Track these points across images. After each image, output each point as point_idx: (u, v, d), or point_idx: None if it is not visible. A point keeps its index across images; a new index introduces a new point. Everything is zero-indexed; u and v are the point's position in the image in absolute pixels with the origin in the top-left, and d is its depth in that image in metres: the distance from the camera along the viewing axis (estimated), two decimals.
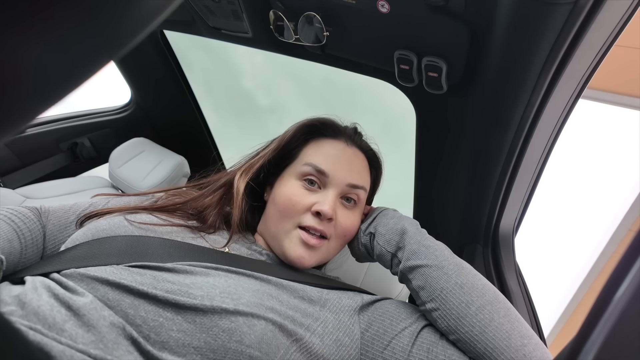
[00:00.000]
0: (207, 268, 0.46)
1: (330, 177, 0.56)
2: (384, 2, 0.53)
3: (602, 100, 1.72)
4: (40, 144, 1.16)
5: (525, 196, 0.75)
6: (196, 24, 0.85)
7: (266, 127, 1.50)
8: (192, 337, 0.38)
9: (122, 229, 0.49)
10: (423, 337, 0.48)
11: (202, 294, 0.41)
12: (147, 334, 0.37)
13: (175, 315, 0.39)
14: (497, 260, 0.73)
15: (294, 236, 0.54)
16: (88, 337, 0.34)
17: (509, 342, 0.43)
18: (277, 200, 0.56)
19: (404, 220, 0.57)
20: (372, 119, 1.15)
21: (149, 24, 0.14)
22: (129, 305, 0.38)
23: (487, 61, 0.52)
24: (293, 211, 0.54)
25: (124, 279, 0.40)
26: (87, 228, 0.49)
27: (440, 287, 0.48)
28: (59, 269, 0.42)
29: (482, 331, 0.44)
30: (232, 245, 0.55)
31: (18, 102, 0.12)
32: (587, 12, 0.41)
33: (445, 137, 0.68)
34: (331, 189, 0.56)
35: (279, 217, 0.55)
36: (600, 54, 0.52)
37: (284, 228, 0.55)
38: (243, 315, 0.41)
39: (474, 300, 0.46)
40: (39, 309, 0.35)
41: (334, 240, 0.56)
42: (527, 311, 0.66)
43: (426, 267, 0.50)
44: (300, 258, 0.53)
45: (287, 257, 0.54)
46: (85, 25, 0.12)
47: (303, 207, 0.54)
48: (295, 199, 0.54)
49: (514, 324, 0.44)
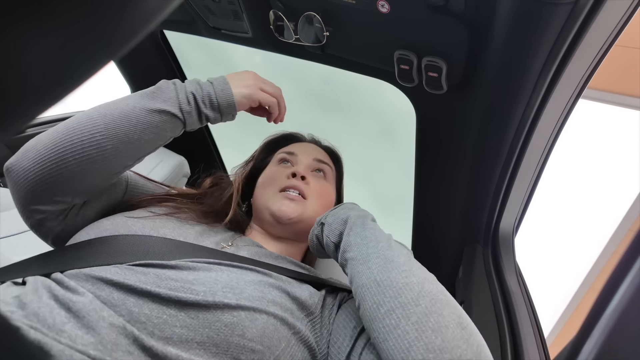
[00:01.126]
0: (210, 264, 0.47)
1: (298, 155, 0.71)
2: (384, 2, 0.53)
3: (602, 100, 1.72)
4: None
5: (525, 196, 0.75)
6: (196, 24, 0.85)
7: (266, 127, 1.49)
8: (195, 332, 0.39)
9: (125, 229, 0.50)
10: (361, 338, 0.45)
11: (205, 290, 0.41)
12: (151, 331, 0.38)
13: (179, 312, 0.39)
14: (497, 260, 0.73)
15: (278, 196, 0.63)
16: (87, 338, 0.34)
17: (407, 355, 0.35)
18: (261, 182, 0.68)
19: (353, 210, 0.55)
20: (370, 119, 1.15)
21: (149, 24, 0.14)
22: (134, 304, 0.39)
23: (487, 61, 0.52)
24: (274, 180, 0.65)
25: (128, 279, 0.41)
26: (91, 228, 0.51)
27: (361, 282, 0.43)
28: (62, 269, 0.42)
29: (384, 338, 0.38)
30: (232, 241, 0.58)
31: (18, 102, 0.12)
32: (587, 12, 0.41)
33: (445, 137, 0.68)
34: (302, 161, 0.70)
35: (264, 189, 0.65)
36: (600, 54, 0.52)
37: (269, 194, 0.64)
38: (245, 310, 0.41)
39: (386, 300, 0.40)
40: (39, 310, 0.35)
41: (311, 199, 0.64)
42: (527, 311, 0.66)
43: (354, 260, 0.46)
44: (283, 208, 0.61)
45: (273, 214, 0.61)
46: (85, 25, 0.12)
47: (282, 175, 0.66)
48: (275, 173, 0.67)
49: (425, 333, 0.36)
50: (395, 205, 0.63)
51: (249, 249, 0.57)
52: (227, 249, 0.55)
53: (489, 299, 0.64)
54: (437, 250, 0.88)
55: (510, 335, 0.56)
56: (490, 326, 0.58)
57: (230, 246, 0.56)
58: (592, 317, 0.16)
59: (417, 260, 0.47)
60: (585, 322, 0.16)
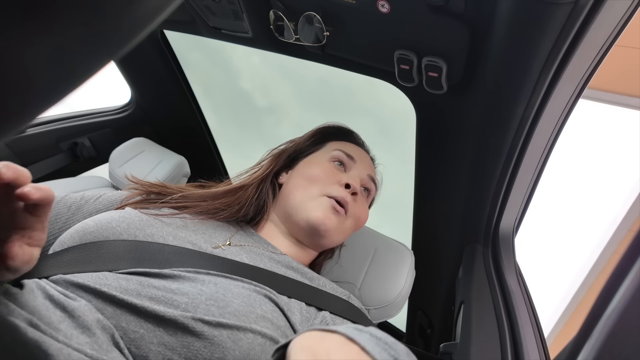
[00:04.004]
0: (198, 273, 0.43)
1: (357, 162, 0.65)
2: (384, 2, 0.53)
3: (602, 100, 1.72)
4: (40, 144, 1.16)
5: (525, 196, 0.75)
6: (196, 24, 0.85)
7: (265, 128, 1.50)
8: (172, 351, 0.36)
9: (110, 231, 0.47)
10: None
11: (187, 301, 0.38)
12: (128, 347, 0.36)
13: (156, 327, 0.37)
14: (497, 260, 0.73)
15: (323, 201, 0.57)
16: (83, 338, 0.34)
17: None
18: (307, 172, 0.61)
19: None
20: (369, 120, 1.15)
21: (149, 24, 0.14)
22: (111, 315, 0.37)
23: (487, 61, 0.52)
24: (325, 180, 0.59)
25: (107, 285, 0.39)
26: (75, 230, 0.47)
27: None
28: (45, 275, 0.41)
29: None
30: (235, 237, 0.55)
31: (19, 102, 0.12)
32: (587, 12, 0.41)
33: (445, 137, 0.68)
34: (357, 172, 0.64)
35: (307, 185, 0.59)
36: (600, 54, 0.52)
37: (311, 194, 0.58)
38: (227, 329, 0.37)
39: None
40: (35, 309, 0.35)
41: (349, 220, 0.60)
42: (527, 311, 0.66)
43: None
44: (324, 220, 0.55)
45: (310, 219, 0.56)
46: (85, 25, 0.12)
47: (334, 179, 0.60)
48: (327, 171, 0.60)
49: None
50: (394, 206, 0.64)
51: (251, 250, 0.53)
52: (224, 250, 0.51)
53: (489, 299, 0.63)
54: (437, 250, 0.88)
55: (510, 335, 0.56)
56: (490, 326, 0.58)
57: (228, 245, 0.53)
58: (592, 317, 0.16)
59: (417, 260, 0.45)
60: (585, 322, 0.16)
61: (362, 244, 0.77)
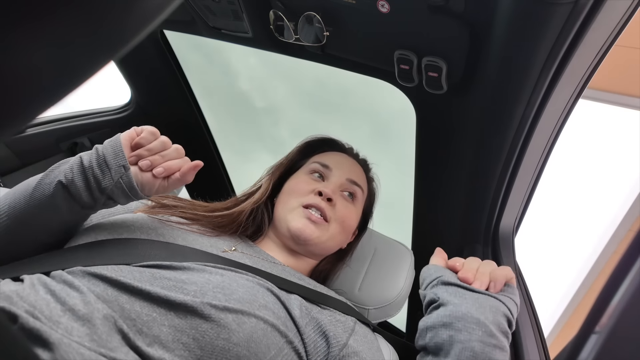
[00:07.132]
0: (206, 266, 0.47)
1: (333, 170, 0.67)
2: (384, 2, 0.53)
3: (602, 100, 1.72)
4: (40, 144, 1.16)
5: (525, 196, 0.75)
6: (196, 24, 0.85)
7: (263, 127, 1.50)
8: (182, 332, 0.39)
9: (125, 229, 0.51)
10: None
11: (196, 289, 0.42)
12: (140, 328, 0.38)
13: (168, 311, 0.40)
14: (497, 260, 0.73)
15: (298, 212, 0.61)
16: (83, 330, 0.35)
17: None
18: (287, 188, 0.66)
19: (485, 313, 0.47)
20: (365, 120, 1.15)
21: (149, 24, 0.14)
22: (126, 301, 0.40)
23: (487, 61, 0.52)
24: (299, 192, 0.64)
25: (123, 275, 0.41)
26: (91, 228, 0.52)
27: None
28: (63, 267, 0.43)
29: None
30: (239, 247, 0.59)
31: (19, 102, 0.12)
32: (587, 12, 0.41)
33: (445, 137, 0.68)
34: (333, 179, 0.66)
35: (287, 199, 0.64)
36: (600, 54, 0.52)
37: (290, 206, 0.63)
38: (233, 313, 0.41)
39: None
40: (35, 303, 0.36)
41: (333, 224, 0.63)
42: (527, 311, 0.66)
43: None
44: (302, 228, 0.59)
45: (290, 229, 0.60)
46: (85, 25, 0.12)
47: (308, 190, 0.64)
48: (302, 184, 0.65)
49: None
50: (394, 206, 0.64)
51: (254, 257, 0.57)
52: (229, 254, 0.55)
53: None
54: None
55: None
56: None
57: (233, 251, 0.56)
58: (592, 317, 0.16)
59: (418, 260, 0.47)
60: (585, 322, 0.16)
61: (361, 243, 0.77)
